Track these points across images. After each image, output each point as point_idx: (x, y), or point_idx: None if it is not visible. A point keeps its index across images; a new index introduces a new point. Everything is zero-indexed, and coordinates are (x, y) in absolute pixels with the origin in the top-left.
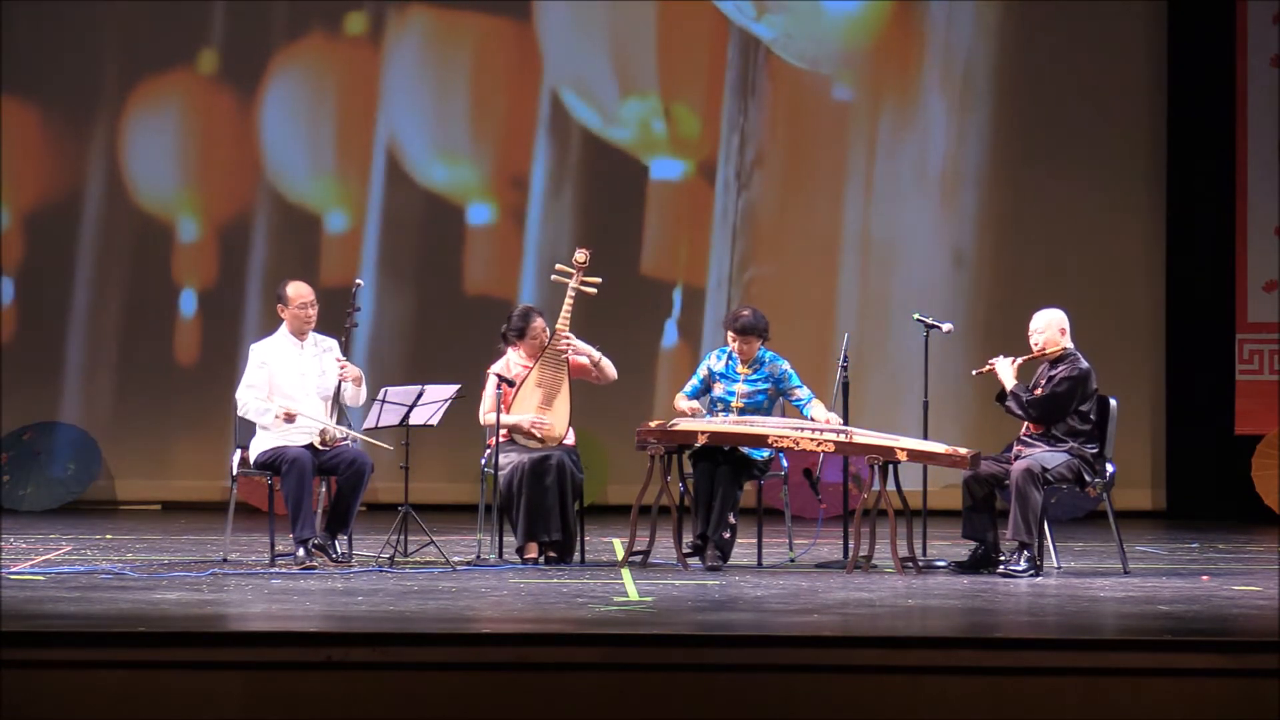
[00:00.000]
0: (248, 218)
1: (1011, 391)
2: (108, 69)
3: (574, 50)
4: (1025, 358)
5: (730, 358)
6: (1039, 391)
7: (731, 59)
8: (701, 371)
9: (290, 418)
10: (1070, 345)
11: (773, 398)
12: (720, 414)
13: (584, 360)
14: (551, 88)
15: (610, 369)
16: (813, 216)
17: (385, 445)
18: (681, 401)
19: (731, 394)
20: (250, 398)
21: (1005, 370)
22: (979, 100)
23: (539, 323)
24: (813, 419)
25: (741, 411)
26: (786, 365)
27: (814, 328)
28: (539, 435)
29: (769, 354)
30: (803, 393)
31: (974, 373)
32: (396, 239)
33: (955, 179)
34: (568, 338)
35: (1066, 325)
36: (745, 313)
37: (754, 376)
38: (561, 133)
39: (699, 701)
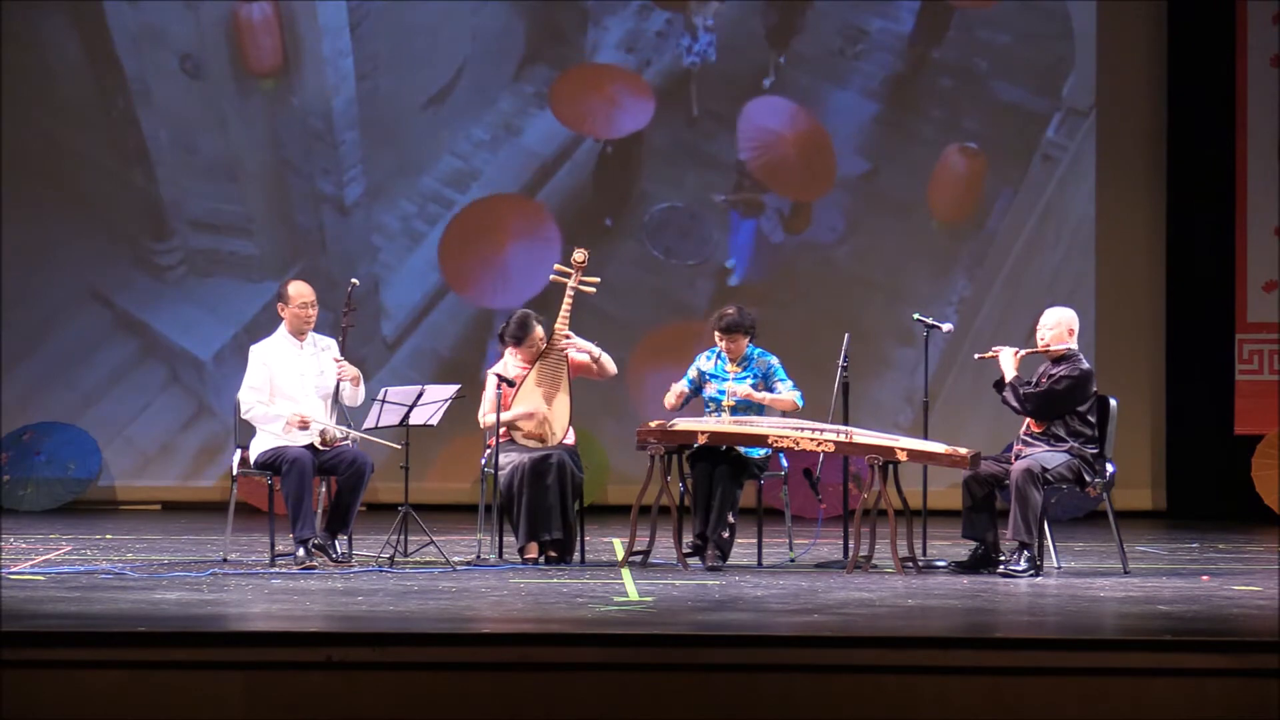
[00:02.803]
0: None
1: (1010, 382)
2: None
3: None
4: (1028, 351)
5: (720, 357)
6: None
7: None
8: (691, 372)
9: (305, 424)
10: (1075, 347)
11: None
12: (713, 414)
13: (584, 358)
14: None
15: (610, 365)
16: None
17: (394, 444)
18: (672, 397)
19: (723, 393)
20: (254, 401)
21: (1007, 360)
22: (978, 100)
23: (539, 332)
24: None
25: (734, 410)
26: (775, 360)
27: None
28: (539, 427)
29: (757, 350)
30: (783, 386)
31: (976, 357)
32: None
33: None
34: (568, 336)
35: (1076, 327)
36: (730, 311)
37: (743, 374)
38: None
39: (699, 701)
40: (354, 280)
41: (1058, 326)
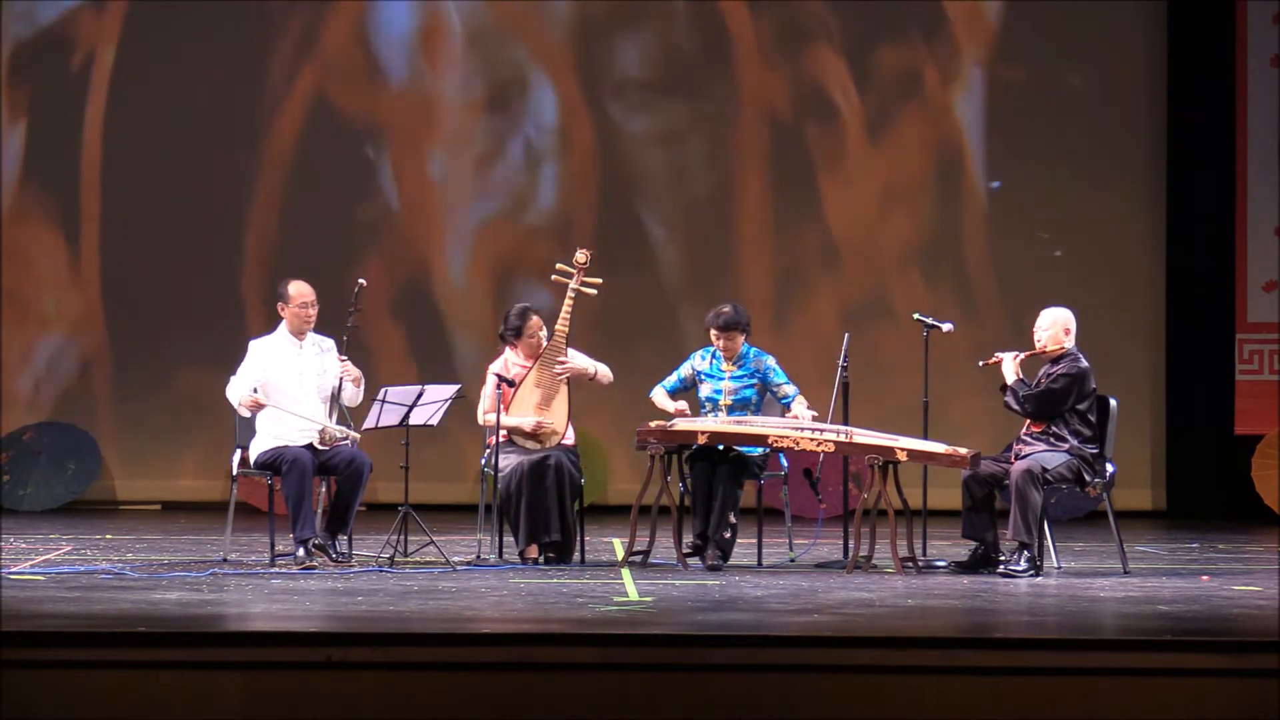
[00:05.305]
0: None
1: (1010, 386)
2: None
3: None
4: (1028, 353)
5: (715, 356)
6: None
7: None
8: (684, 370)
9: (257, 406)
10: (1072, 346)
11: (761, 393)
12: (710, 414)
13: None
14: None
15: (607, 375)
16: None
17: (354, 433)
18: (665, 400)
19: (719, 392)
20: (234, 384)
21: (1007, 365)
22: (978, 99)
23: (535, 321)
24: (795, 416)
25: (730, 409)
26: (772, 361)
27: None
28: (539, 435)
29: (753, 350)
30: (789, 389)
31: (980, 364)
32: None
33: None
34: (563, 359)
35: (1072, 326)
36: (726, 309)
37: (739, 373)
38: None
39: (699, 701)
40: (361, 280)
41: (1053, 327)
